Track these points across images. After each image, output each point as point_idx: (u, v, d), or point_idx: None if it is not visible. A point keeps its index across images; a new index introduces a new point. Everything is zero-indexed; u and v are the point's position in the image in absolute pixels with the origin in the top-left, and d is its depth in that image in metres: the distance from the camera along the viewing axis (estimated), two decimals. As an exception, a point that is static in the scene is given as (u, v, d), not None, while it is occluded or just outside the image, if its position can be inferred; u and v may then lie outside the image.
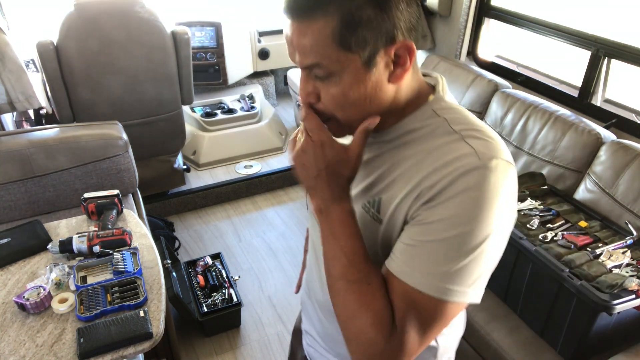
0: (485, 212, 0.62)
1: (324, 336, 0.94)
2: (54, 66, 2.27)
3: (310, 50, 0.64)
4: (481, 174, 0.62)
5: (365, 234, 0.72)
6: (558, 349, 1.54)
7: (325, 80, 0.67)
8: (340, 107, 0.69)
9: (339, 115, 0.70)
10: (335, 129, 0.72)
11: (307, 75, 0.68)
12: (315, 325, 0.96)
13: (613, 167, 1.74)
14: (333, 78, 0.66)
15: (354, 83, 0.66)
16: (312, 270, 0.92)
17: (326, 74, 0.66)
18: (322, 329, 0.93)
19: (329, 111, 0.70)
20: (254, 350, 2.12)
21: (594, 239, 1.61)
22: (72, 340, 1.14)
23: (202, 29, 3.24)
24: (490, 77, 2.36)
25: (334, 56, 0.64)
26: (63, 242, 1.38)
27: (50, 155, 1.91)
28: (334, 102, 0.69)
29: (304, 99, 0.70)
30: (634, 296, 1.34)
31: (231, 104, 3.44)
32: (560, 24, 2.21)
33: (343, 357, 0.92)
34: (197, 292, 2.19)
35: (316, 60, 0.65)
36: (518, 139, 2.10)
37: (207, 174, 3.19)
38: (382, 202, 0.72)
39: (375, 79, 0.67)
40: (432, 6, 2.76)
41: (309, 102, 0.70)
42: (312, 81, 0.69)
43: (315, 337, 0.97)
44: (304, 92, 0.70)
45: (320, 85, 0.68)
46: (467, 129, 0.68)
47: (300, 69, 0.69)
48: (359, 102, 0.68)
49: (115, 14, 2.31)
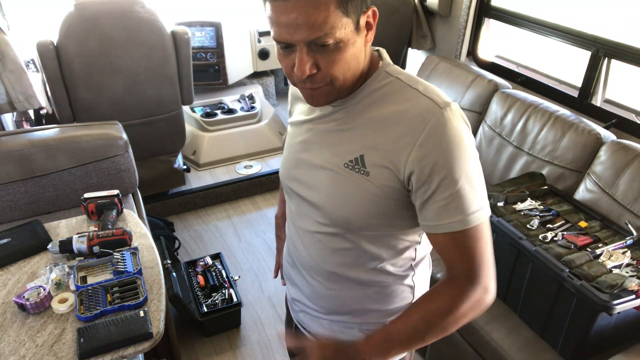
0: (462, 143, 0.75)
1: (310, 296, 1.00)
2: (54, 66, 2.27)
3: (321, 21, 0.69)
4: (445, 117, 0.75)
5: (351, 187, 0.81)
6: (558, 349, 1.54)
7: (329, 48, 0.72)
8: (341, 72, 0.75)
9: (338, 80, 0.76)
10: (328, 93, 0.79)
11: (307, 49, 0.72)
12: (303, 290, 1.01)
13: (613, 167, 1.74)
14: (338, 44, 0.72)
15: (350, 46, 0.74)
16: (293, 240, 0.99)
17: (334, 41, 0.71)
18: (309, 289, 0.99)
19: (327, 78, 0.75)
20: (254, 350, 2.12)
21: (594, 239, 1.61)
22: (72, 340, 1.14)
23: (202, 29, 3.23)
24: (490, 77, 2.36)
25: (338, 23, 0.70)
26: (63, 242, 1.38)
27: (50, 155, 1.91)
28: (336, 68, 0.75)
29: (304, 73, 0.74)
30: (634, 296, 1.34)
31: (231, 104, 3.44)
32: (560, 24, 2.21)
33: (330, 310, 0.98)
34: (197, 292, 2.19)
35: (326, 30, 0.69)
36: (518, 139, 2.10)
37: (207, 174, 3.19)
38: (365, 158, 0.80)
39: (360, 42, 0.76)
40: (432, 6, 2.76)
41: (311, 73, 0.74)
42: (311, 54, 0.73)
43: (304, 300, 1.02)
44: (304, 67, 0.73)
45: (319, 56, 0.73)
46: (416, 83, 0.80)
47: (299, 45, 0.72)
48: (353, 65, 0.77)
49: (115, 14, 2.31)
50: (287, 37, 0.71)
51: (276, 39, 0.73)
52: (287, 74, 0.79)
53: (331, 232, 0.88)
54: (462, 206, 0.76)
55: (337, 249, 0.89)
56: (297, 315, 1.08)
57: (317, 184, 0.87)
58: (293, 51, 0.74)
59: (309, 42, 0.71)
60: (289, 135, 0.98)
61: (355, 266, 0.91)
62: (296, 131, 0.95)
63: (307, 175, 0.89)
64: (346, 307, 0.96)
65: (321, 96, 0.79)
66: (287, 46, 0.74)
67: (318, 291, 0.97)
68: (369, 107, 0.81)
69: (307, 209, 0.91)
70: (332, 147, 0.85)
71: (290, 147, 0.96)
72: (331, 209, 0.85)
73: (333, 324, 0.99)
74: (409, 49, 3.08)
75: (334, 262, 0.91)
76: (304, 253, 0.96)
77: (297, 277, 1.02)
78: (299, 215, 0.94)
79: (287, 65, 0.77)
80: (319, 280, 0.95)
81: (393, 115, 0.78)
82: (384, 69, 0.83)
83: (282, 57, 0.77)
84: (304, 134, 0.92)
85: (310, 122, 0.90)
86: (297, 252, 0.99)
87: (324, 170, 0.85)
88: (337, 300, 0.96)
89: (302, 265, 0.98)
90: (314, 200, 0.88)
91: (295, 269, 1.02)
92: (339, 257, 0.90)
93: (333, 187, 0.84)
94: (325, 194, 0.85)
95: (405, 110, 0.77)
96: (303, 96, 0.83)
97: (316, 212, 0.89)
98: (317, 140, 0.88)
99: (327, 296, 0.96)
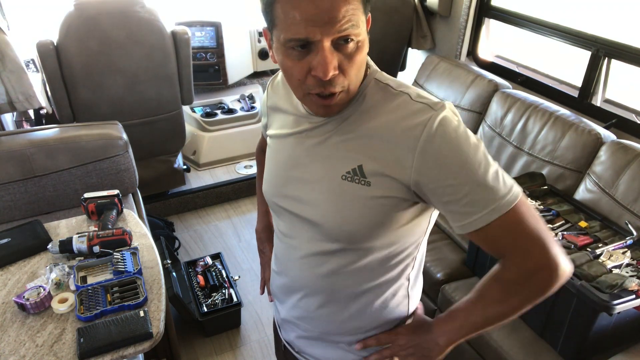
0: (464, 136, 0.73)
1: (302, 317, 0.96)
2: (54, 66, 2.27)
3: (350, 14, 0.66)
4: (441, 119, 0.72)
5: (350, 199, 0.78)
6: (558, 349, 1.54)
7: (349, 48, 0.69)
8: (355, 75, 0.73)
9: (352, 84, 0.74)
10: (341, 100, 0.75)
11: (333, 47, 0.69)
12: (295, 310, 0.96)
13: (613, 167, 1.74)
14: (358, 43, 0.70)
15: (365, 48, 0.72)
16: (282, 260, 0.95)
17: (356, 39, 0.69)
18: (301, 310, 0.95)
19: (345, 82, 0.72)
20: (254, 351, 2.12)
21: (594, 239, 1.61)
22: (72, 340, 1.14)
23: (202, 29, 3.23)
24: (490, 77, 2.36)
25: (360, 19, 0.69)
26: (63, 242, 1.38)
27: (50, 155, 1.91)
28: (355, 70, 0.72)
29: (328, 74, 0.68)
30: (634, 296, 1.34)
31: (231, 104, 3.44)
32: (560, 24, 2.21)
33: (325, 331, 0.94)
34: (197, 292, 2.19)
35: (354, 22, 0.67)
36: (518, 139, 2.10)
37: (207, 174, 3.19)
38: (364, 168, 0.77)
39: (367, 44, 0.73)
40: (432, 6, 2.76)
41: (334, 74, 0.70)
42: (336, 53, 0.69)
43: (295, 321, 0.98)
44: (328, 66, 0.68)
45: (340, 56, 0.70)
46: (407, 89, 0.78)
47: (322, 43, 0.67)
48: (361, 70, 0.75)
49: (115, 14, 2.31)
50: (310, 34, 0.66)
51: (294, 37, 0.67)
52: (298, 81, 0.73)
53: (330, 248, 0.84)
54: (486, 197, 0.72)
55: (334, 266, 0.85)
56: (288, 336, 1.03)
57: (312, 200, 0.82)
58: (310, 52, 0.69)
59: (335, 39, 0.67)
60: (271, 149, 0.93)
61: (353, 283, 0.87)
62: (279, 145, 0.90)
63: (300, 192, 0.84)
64: (342, 327, 0.92)
65: (336, 104, 0.74)
66: (305, 45, 0.68)
67: (311, 312, 0.93)
68: (362, 116, 0.78)
69: (301, 225, 0.86)
70: (326, 160, 0.80)
71: (275, 163, 0.90)
72: (331, 224, 0.81)
73: (327, 345, 0.96)
74: (409, 49, 3.09)
75: (330, 281, 0.87)
76: (296, 273, 0.91)
77: (287, 297, 0.97)
78: (292, 234, 0.89)
79: (301, 69, 0.71)
80: (313, 300, 0.91)
81: (388, 123, 0.75)
82: (373, 77, 0.80)
83: (294, 63, 0.71)
84: (290, 148, 0.86)
85: (297, 135, 0.85)
86: (287, 272, 0.94)
87: (318, 184, 0.81)
88: (332, 320, 0.92)
89: (294, 285, 0.93)
90: (309, 217, 0.83)
91: (285, 289, 0.97)
92: (335, 275, 0.86)
93: (331, 202, 0.80)
94: (323, 209, 0.81)
95: (401, 117, 0.74)
96: (311, 107, 0.78)
97: (313, 229, 0.84)
98: (308, 154, 0.83)
99: (320, 316, 0.92)
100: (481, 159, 0.73)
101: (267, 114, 0.98)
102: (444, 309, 1.89)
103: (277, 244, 0.97)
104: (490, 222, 0.72)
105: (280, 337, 1.07)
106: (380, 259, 0.84)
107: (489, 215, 0.72)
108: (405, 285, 0.92)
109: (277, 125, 0.92)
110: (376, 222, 0.79)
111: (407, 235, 0.84)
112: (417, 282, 0.96)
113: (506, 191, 0.73)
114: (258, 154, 1.23)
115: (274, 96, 0.95)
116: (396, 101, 0.77)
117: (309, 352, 0.99)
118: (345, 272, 0.85)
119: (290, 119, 0.88)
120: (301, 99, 0.78)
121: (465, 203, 0.73)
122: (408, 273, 0.90)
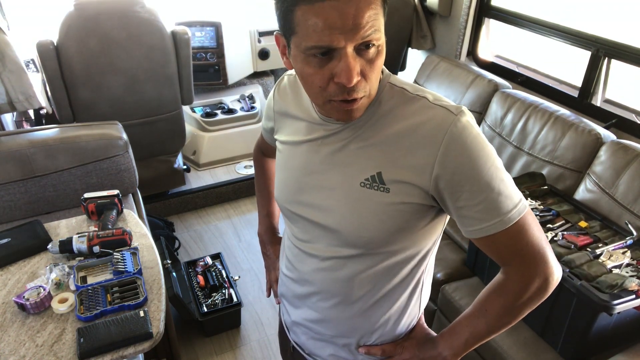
0: (483, 144, 0.74)
1: (317, 320, 0.95)
2: (54, 66, 2.27)
3: (372, 19, 0.66)
4: (462, 124, 0.72)
5: (369, 206, 0.77)
6: (558, 349, 1.54)
7: (370, 53, 0.69)
8: (375, 80, 0.73)
9: (373, 89, 0.73)
10: (363, 105, 0.74)
11: (355, 52, 0.67)
12: (309, 314, 0.95)
13: (613, 167, 1.74)
14: (378, 48, 0.69)
15: (384, 53, 0.71)
16: (296, 265, 0.94)
17: (377, 44, 0.69)
18: (316, 314, 0.94)
19: (367, 87, 0.71)
20: (254, 351, 2.12)
21: (594, 239, 1.61)
22: (72, 340, 1.14)
23: (202, 29, 3.23)
24: (490, 77, 2.36)
25: (382, 22, 0.68)
26: (63, 242, 1.38)
27: (50, 155, 1.91)
28: (376, 74, 0.72)
29: (352, 80, 0.67)
30: (634, 296, 1.34)
31: (231, 104, 3.44)
32: (560, 24, 2.21)
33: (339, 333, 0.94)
34: (197, 292, 2.19)
35: (376, 27, 0.66)
36: (518, 139, 2.10)
37: (207, 174, 3.19)
38: (383, 175, 0.76)
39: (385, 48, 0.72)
40: (432, 6, 2.76)
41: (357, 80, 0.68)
42: (358, 59, 0.68)
43: (308, 324, 0.97)
44: (353, 72, 0.66)
45: (362, 62, 0.69)
46: (423, 92, 0.77)
47: (345, 49, 0.66)
48: (379, 75, 0.74)
49: (115, 14, 2.31)
50: (334, 41, 0.64)
51: (317, 44, 0.65)
52: (319, 88, 0.71)
53: (348, 254, 0.83)
54: (500, 206, 0.73)
55: (353, 270, 0.85)
56: (299, 338, 1.02)
57: (330, 207, 0.82)
58: (332, 59, 0.67)
59: (358, 45, 0.66)
60: (283, 155, 0.92)
61: (370, 286, 0.87)
62: (292, 152, 0.89)
63: (316, 199, 0.84)
64: (357, 329, 0.92)
65: (358, 108, 0.73)
66: (326, 52, 0.66)
67: (326, 315, 0.92)
68: (380, 121, 0.77)
69: (318, 232, 0.85)
70: (344, 167, 0.80)
71: (289, 170, 0.89)
72: (349, 231, 0.80)
73: (339, 348, 0.95)
74: (409, 49, 3.09)
75: (348, 285, 0.87)
76: (313, 277, 0.90)
77: (302, 301, 0.96)
78: (307, 239, 0.89)
79: (322, 77, 0.69)
80: (329, 303, 0.90)
81: (408, 128, 0.75)
82: (387, 81, 0.79)
83: (315, 70, 0.69)
84: (304, 155, 0.85)
85: (311, 142, 0.84)
86: (303, 275, 0.93)
87: (336, 191, 0.81)
88: (347, 322, 0.91)
89: (310, 289, 0.93)
90: (327, 224, 0.83)
91: (299, 293, 0.96)
92: (353, 279, 0.86)
93: (349, 208, 0.79)
94: (341, 216, 0.80)
95: (420, 122, 0.74)
96: (332, 113, 0.76)
97: (331, 235, 0.83)
98: (324, 161, 0.82)
99: (336, 319, 0.92)
100: (497, 167, 0.74)
101: (275, 119, 0.97)
102: (444, 309, 1.89)
103: (291, 248, 0.95)
104: (500, 231, 0.74)
105: (289, 338, 1.07)
106: (398, 262, 0.84)
107: (500, 224, 0.74)
108: (420, 287, 0.92)
109: (288, 131, 0.91)
110: (395, 228, 0.78)
111: (425, 238, 0.84)
112: (427, 284, 0.96)
113: (517, 201, 0.75)
114: (256, 155, 1.23)
115: (281, 101, 0.94)
116: (414, 105, 0.76)
117: (321, 354, 0.99)
118: (364, 276, 0.85)
119: (302, 125, 0.87)
120: (321, 106, 0.77)
121: (479, 210, 0.74)
122: (423, 274, 0.91)
